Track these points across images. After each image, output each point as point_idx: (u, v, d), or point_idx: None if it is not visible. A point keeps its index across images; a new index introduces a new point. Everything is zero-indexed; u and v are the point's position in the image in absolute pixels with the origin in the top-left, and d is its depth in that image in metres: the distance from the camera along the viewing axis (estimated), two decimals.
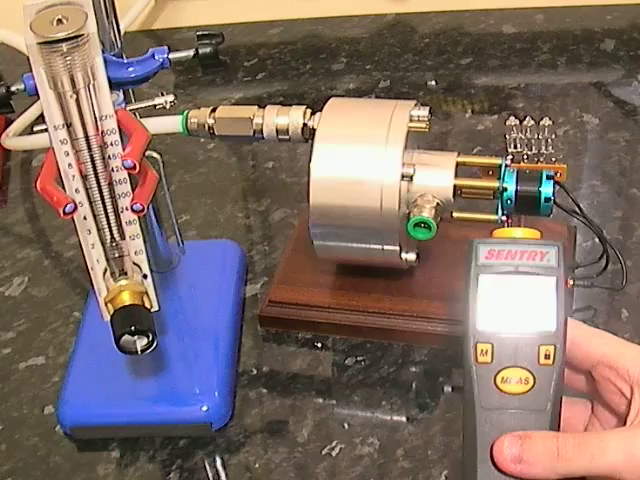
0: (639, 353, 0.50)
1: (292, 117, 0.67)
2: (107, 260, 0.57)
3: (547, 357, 0.49)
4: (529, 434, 0.47)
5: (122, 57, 0.62)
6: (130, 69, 0.59)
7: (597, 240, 0.71)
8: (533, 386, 0.49)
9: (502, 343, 0.49)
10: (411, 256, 0.68)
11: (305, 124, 0.67)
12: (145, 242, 0.58)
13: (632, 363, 0.49)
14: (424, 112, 0.66)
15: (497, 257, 0.51)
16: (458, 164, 0.66)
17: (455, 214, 0.66)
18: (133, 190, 0.55)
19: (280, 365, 0.71)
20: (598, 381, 0.51)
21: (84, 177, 0.55)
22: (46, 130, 0.53)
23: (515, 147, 0.76)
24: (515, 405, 0.48)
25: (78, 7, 0.52)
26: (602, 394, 0.51)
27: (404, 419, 0.66)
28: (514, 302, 0.50)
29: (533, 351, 0.49)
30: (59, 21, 0.51)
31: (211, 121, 0.68)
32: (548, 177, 0.64)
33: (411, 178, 0.64)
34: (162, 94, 0.62)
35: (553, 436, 0.47)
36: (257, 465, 0.64)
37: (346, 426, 0.65)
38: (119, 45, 0.62)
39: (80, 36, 0.50)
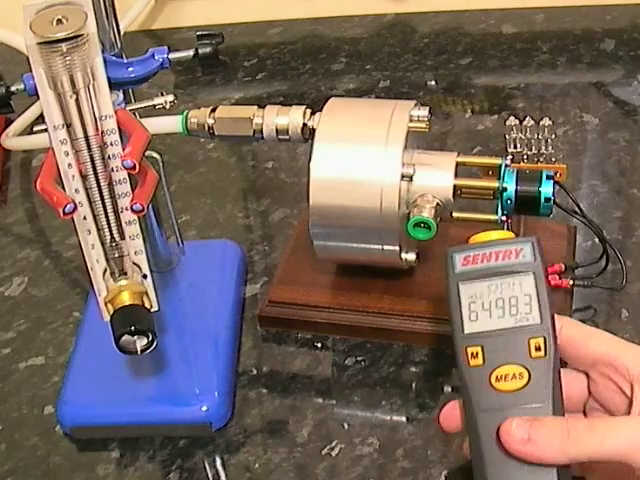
0: (638, 352, 0.50)
1: (292, 117, 0.67)
2: (107, 260, 0.57)
3: (538, 349, 0.49)
4: (538, 417, 0.47)
5: (122, 57, 0.62)
6: (130, 69, 0.59)
7: (597, 240, 0.71)
8: (529, 381, 0.49)
9: (491, 343, 0.50)
10: (411, 256, 0.69)
11: (305, 124, 0.67)
12: (145, 242, 0.58)
13: (632, 361, 0.49)
14: (424, 112, 0.66)
15: (473, 262, 0.52)
16: (458, 164, 0.66)
17: (455, 214, 0.66)
18: (133, 190, 0.55)
19: (280, 365, 0.71)
20: (596, 381, 0.51)
21: (84, 177, 0.55)
22: (46, 130, 0.53)
23: (515, 147, 0.76)
24: (514, 403, 0.48)
25: (78, 7, 0.52)
26: (601, 394, 0.51)
27: (404, 419, 0.66)
28: (497, 302, 0.51)
29: (523, 345, 0.49)
30: (59, 21, 0.51)
31: (211, 121, 0.68)
32: (548, 177, 0.64)
33: (411, 178, 0.64)
34: (162, 94, 0.62)
35: (563, 419, 0.47)
36: (257, 465, 0.64)
37: (346, 426, 0.65)
38: (119, 45, 0.62)
39: (80, 36, 0.50)
